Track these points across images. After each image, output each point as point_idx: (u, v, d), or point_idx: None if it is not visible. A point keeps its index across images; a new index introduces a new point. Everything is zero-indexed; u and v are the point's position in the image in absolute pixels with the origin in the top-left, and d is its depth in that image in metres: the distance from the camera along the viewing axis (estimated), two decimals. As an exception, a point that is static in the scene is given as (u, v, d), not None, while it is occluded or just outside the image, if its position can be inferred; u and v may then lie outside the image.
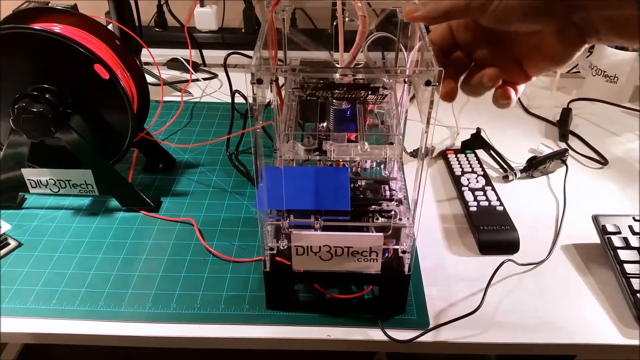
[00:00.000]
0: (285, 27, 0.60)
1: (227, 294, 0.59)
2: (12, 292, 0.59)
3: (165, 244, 0.66)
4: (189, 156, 0.83)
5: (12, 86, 0.65)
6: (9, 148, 0.68)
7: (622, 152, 0.85)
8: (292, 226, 0.52)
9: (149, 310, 0.57)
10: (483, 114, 0.94)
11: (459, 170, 0.77)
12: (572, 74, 1.08)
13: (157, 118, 0.86)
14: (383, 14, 0.59)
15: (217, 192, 0.75)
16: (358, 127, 0.55)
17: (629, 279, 0.58)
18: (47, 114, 0.63)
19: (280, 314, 0.57)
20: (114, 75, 0.64)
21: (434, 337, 0.55)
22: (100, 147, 0.69)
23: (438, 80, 0.42)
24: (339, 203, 0.52)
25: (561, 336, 0.56)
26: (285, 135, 0.52)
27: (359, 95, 0.48)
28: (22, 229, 0.68)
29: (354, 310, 0.57)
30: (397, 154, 0.51)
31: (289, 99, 0.55)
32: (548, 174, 0.79)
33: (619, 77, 0.95)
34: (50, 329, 0.56)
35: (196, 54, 1.06)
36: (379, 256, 0.52)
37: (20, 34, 0.62)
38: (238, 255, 0.64)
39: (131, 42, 0.80)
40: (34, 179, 0.70)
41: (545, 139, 0.87)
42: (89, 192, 0.71)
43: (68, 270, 0.62)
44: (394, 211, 0.54)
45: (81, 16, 0.69)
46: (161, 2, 1.07)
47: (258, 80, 0.43)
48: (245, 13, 1.08)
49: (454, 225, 0.70)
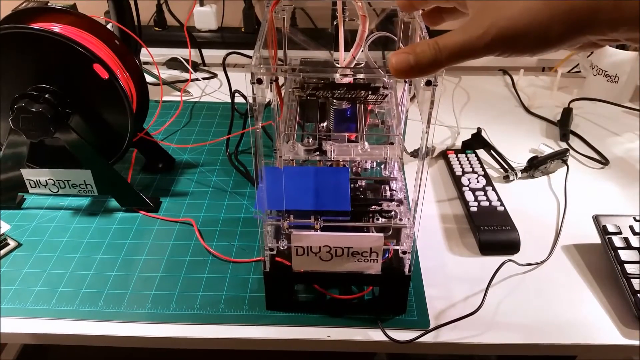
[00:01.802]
0: (285, 26, 0.59)
1: (226, 294, 0.59)
2: (12, 293, 0.59)
3: (165, 245, 0.66)
4: (189, 156, 0.83)
5: (11, 86, 0.65)
6: (8, 148, 0.67)
7: (623, 152, 0.84)
8: (292, 226, 0.52)
9: (148, 311, 0.57)
10: (484, 113, 0.94)
11: (459, 170, 0.77)
12: (573, 74, 1.08)
13: (156, 118, 0.86)
14: (383, 14, 0.59)
15: (216, 192, 0.75)
16: (358, 127, 0.54)
17: (630, 279, 0.58)
18: (46, 114, 0.63)
19: (280, 314, 0.57)
20: (113, 75, 0.64)
21: (435, 337, 0.55)
22: (100, 147, 0.69)
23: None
24: (339, 203, 0.52)
25: (562, 336, 0.55)
26: (285, 135, 0.52)
27: (359, 95, 0.48)
28: (21, 229, 0.68)
29: (354, 310, 0.57)
30: (397, 154, 0.51)
31: (289, 99, 0.55)
32: (549, 174, 0.79)
33: (620, 77, 0.94)
34: (49, 330, 0.56)
35: (196, 53, 1.06)
36: (379, 256, 0.51)
37: (19, 34, 0.62)
38: (238, 255, 0.64)
39: (130, 41, 0.80)
40: (33, 179, 0.70)
41: (546, 139, 0.87)
42: (88, 192, 0.71)
43: (67, 271, 0.62)
44: (395, 211, 0.54)
45: (80, 16, 0.69)
46: (160, 2, 1.07)
47: (258, 80, 0.43)
48: (245, 12, 1.08)
49: (454, 225, 0.70)
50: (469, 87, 1.04)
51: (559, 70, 1.01)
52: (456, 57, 0.35)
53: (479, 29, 0.34)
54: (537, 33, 0.33)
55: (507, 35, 0.34)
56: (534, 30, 0.33)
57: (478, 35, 0.34)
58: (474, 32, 0.34)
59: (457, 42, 0.35)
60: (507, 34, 0.34)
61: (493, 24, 0.34)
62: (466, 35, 0.35)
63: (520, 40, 0.34)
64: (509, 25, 0.34)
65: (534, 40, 0.33)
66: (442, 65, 0.36)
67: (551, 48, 0.34)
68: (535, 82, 1.06)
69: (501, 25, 0.34)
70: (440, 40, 0.35)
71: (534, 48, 0.34)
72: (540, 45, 0.34)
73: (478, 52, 0.35)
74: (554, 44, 0.34)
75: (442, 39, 0.35)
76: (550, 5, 0.32)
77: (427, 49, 0.36)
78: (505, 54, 0.35)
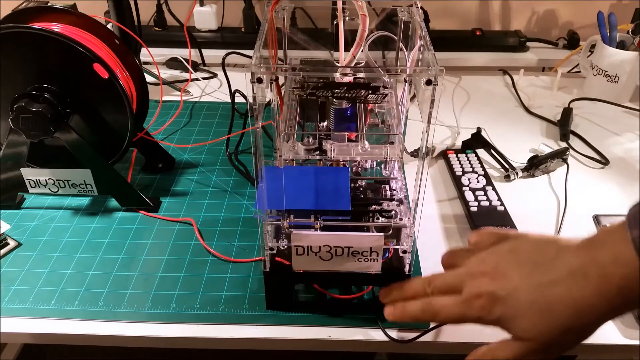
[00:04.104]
0: (285, 26, 0.59)
1: (226, 294, 0.59)
2: (12, 292, 0.59)
3: (165, 244, 0.66)
4: (189, 156, 0.83)
5: (11, 85, 0.64)
6: (8, 148, 0.67)
7: (623, 152, 0.84)
8: (292, 226, 0.52)
9: (148, 311, 0.57)
10: (484, 113, 0.94)
11: (459, 170, 0.77)
12: (573, 74, 1.08)
13: (156, 117, 0.86)
14: (383, 13, 0.59)
15: (216, 192, 0.75)
16: (358, 126, 0.54)
17: (630, 279, 0.58)
18: (46, 114, 0.63)
19: (280, 314, 0.57)
20: (113, 75, 0.64)
21: (435, 337, 0.55)
22: (100, 146, 0.69)
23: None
24: (339, 203, 0.52)
25: (562, 336, 0.55)
26: (286, 135, 0.52)
27: (359, 94, 0.48)
28: (21, 229, 0.68)
29: (354, 310, 0.57)
30: (397, 154, 0.51)
31: (289, 99, 0.55)
32: (549, 173, 0.79)
33: (620, 77, 0.94)
34: (49, 329, 0.56)
35: (196, 53, 1.06)
36: (379, 256, 0.51)
37: (19, 34, 0.62)
38: (238, 255, 0.64)
39: (130, 41, 0.79)
40: (33, 179, 0.70)
41: (546, 139, 0.87)
42: (88, 192, 0.71)
43: (67, 270, 0.62)
44: (395, 211, 0.54)
45: (80, 15, 0.69)
46: (161, 2, 1.07)
47: (258, 79, 0.43)
48: (245, 12, 1.08)
49: (454, 225, 0.70)
50: (469, 87, 1.04)
51: (559, 70, 1.01)
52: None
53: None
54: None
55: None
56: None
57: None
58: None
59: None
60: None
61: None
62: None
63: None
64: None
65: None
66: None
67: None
68: (535, 82, 1.06)
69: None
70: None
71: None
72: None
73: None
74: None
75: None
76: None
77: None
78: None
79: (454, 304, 0.42)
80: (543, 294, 0.38)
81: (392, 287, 0.50)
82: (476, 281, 0.42)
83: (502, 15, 1.16)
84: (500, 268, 0.41)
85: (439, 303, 0.44)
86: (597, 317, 0.37)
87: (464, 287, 0.42)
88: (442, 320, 0.44)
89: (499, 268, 0.41)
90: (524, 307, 0.39)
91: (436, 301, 0.44)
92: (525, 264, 0.40)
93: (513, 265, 0.41)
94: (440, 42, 0.98)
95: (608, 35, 0.94)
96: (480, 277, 0.42)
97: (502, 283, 0.40)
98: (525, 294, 0.39)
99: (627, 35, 0.95)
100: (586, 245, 0.39)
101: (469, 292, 0.42)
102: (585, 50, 1.01)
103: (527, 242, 0.43)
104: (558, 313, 0.38)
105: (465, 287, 0.42)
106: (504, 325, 0.40)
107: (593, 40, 0.98)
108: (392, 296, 0.49)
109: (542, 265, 0.39)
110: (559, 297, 0.37)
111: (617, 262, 0.36)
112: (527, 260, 0.41)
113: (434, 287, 0.45)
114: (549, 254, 0.40)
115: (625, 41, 0.95)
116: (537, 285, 0.39)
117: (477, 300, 0.41)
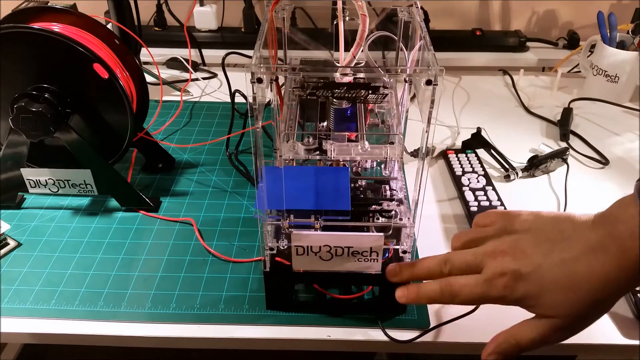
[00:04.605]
0: (285, 26, 0.59)
1: (226, 294, 0.59)
2: (12, 292, 0.59)
3: (165, 244, 0.66)
4: (189, 156, 0.83)
5: (11, 85, 0.64)
6: (8, 148, 0.67)
7: (623, 152, 0.84)
8: (292, 226, 0.52)
9: (148, 311, 0.57)
10: (484, 113, 0.94)
11: (459, 170, 0.77)
12: (573, 74, 1.08)
13: (156, 117, 0.86)
14: (383, 13, 0.59)
15: (216, 192, 0.75)
16: (358, 126, 0.54)
17: (630, 279, 0.58)
18: (46, 114, 0.63)
19: (280, 314, 0.57)
20: (113, 75, 0.64)
21: (435, 337, 0.55)
22: (100, 146, 0.69)
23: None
24: (339, 203, 0.52)
25: (562, 336, 0.55)
26: (286, 135, 0.52)
27: (359, 94, 0.48)
28: (21, 229, 0.68)
29: (354, 310, 0.57)
30: (397, 154, 0.51)
31: (289, 99, 0.55)
32: (549, 173, 0.79)
33: (620, 77, 0.94)
34: (49, 329, 0.56)
35: (196, 53, 1.06)
36: (379, 256, 0.51)
37: (19, 34, 0.62)
38: (238, 255, 0.64)
39: (130, 41, 0.79)
40: (33, 179, 0.70)
41: (546, 139, 0.87)
42: (88, 192, 0.71)
43: (67, 270, 0.62)
44: (395, 211, 0.54)
45: (80, 15, 0.69)
46: (160, 2, 1.07)
47: (258, 79, 0.43)
48: (245, 12, 1.08)
49: (454, 225, 0.70)
50: (469, 87, 1.04)
51: (559, 70, 1.01)
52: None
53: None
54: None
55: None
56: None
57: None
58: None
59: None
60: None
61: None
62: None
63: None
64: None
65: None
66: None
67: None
68: (535, 82, 1.06)
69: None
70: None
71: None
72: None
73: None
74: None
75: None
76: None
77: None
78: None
79: (476, 283, 0.42)
80: (567, 270, 0.38)
81: (401, 266, 0.49)
82: (497, 260, 0.41)
83: (502, 15, 1.16)
84: (520, 246, 0.41)
85: (458, 282, 0.43)
86: (618, 289, 0.38)
87: (484, 266, 0.42)
88: (461, 301, 0.42)
89: (518, 246, 0.41)
90: (548, 284, 0.39)
91: (456, 281, 0.43)
92: (544, 241, 0.41)
93: (532, 243, 0.41)
94: (440, 42, 0.98)
95: (608, 35, 0.94)
96: (501, 256, 0.41)
97: (524, 261, 0.40)
98: (548, 271, 0.39)
99: (627, 35, 0.95)
100: (601, 221, 0.40)
101: (491, 271, 0.41)
102: (585, 50, 1.01)
103: (543, 220, 0.43)
104: (583, 288, 0.38)
105: (487, 266, 0.41)
106: (528, 303, 0.41)
107: (593, 40, 0.98)
108: (402, 275, 0.48)
109: (561, 242, 0.40)
110: (583, 273, 0.38)
111: (633, 236, 0.37)
112: (545, 238, 0.41)
113: (451, 267, 0.44)
114: (566, 231, 0.40)
115: (625, 41, 0.95)
116: (559, 262, 0.39)
117: (500, 278, 0.40)
